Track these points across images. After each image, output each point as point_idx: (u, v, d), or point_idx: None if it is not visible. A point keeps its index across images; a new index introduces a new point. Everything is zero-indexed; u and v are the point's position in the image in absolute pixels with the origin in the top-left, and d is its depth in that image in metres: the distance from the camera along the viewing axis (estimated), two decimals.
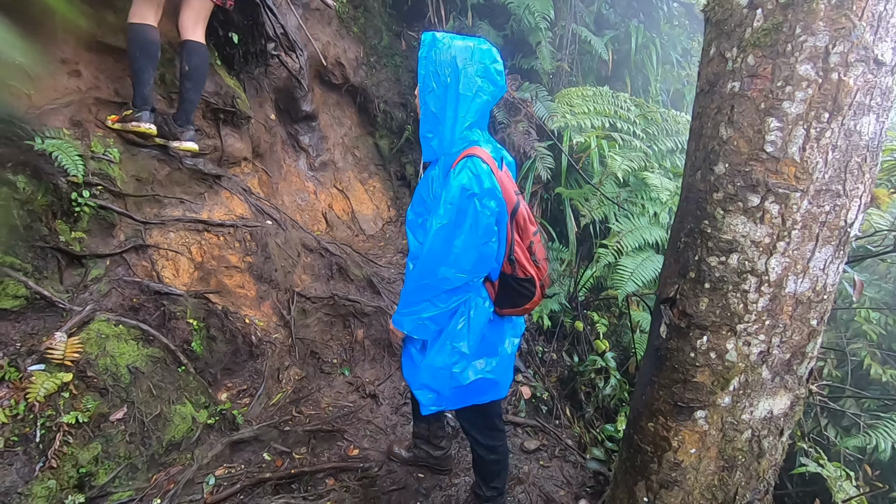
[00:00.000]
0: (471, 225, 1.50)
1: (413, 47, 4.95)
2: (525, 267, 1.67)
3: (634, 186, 2.63)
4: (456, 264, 1.52)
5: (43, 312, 1.96)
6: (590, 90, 2.91)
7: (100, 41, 2.64)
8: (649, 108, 2.89)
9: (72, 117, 2.37)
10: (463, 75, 1.52)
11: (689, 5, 5.60)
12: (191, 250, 2.76)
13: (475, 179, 1.49)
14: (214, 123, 3.10)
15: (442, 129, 1.58)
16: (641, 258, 2.37)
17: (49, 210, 2.02)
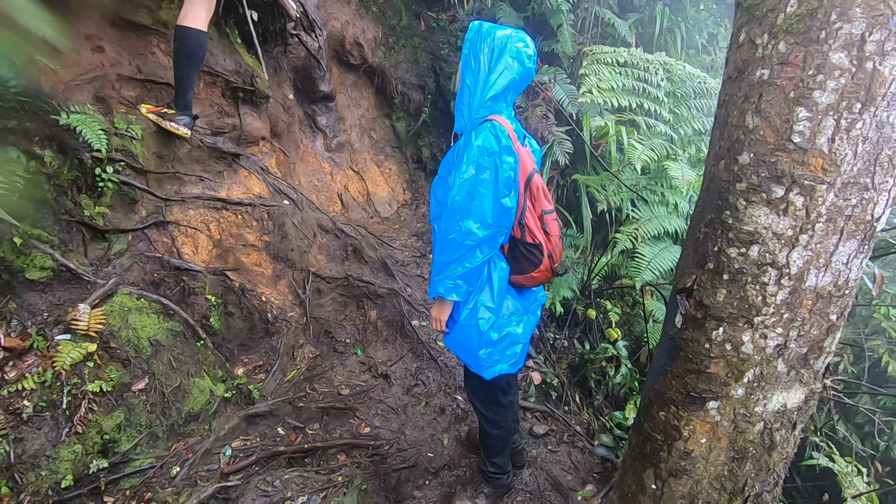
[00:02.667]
0: (491, 179, 1.62)
1: (432, 28, 4.89)
2: (534, 233, 1.77)
3: (655, 174, 2.59)
4: (479, 217, 1.62)
5: (69, 284, 2.02)
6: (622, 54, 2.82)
7: (122, 17, 2.66)
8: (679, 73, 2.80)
9: (95, 93, 2.40)
10: (498, 53, 1.68)
11: None
12: (210, 228, 2.80)
13: (494, 139, 1.64)
14: (233, 102, 3.11)
15: (472, 98, 1.73)
16: (659, 248, 2.35)
17: (74, 185, 2.07)
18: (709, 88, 2.76)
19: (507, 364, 1.84)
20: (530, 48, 1.73)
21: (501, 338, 1.80)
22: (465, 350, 1.83)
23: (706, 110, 2.77)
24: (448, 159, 1.82)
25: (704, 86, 2.75)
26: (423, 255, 4.03)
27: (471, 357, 1.83)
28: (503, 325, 1.80)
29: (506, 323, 1.81)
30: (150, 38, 2.79)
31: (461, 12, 4.96)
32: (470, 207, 1.61)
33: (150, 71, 2.73)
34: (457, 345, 1.86)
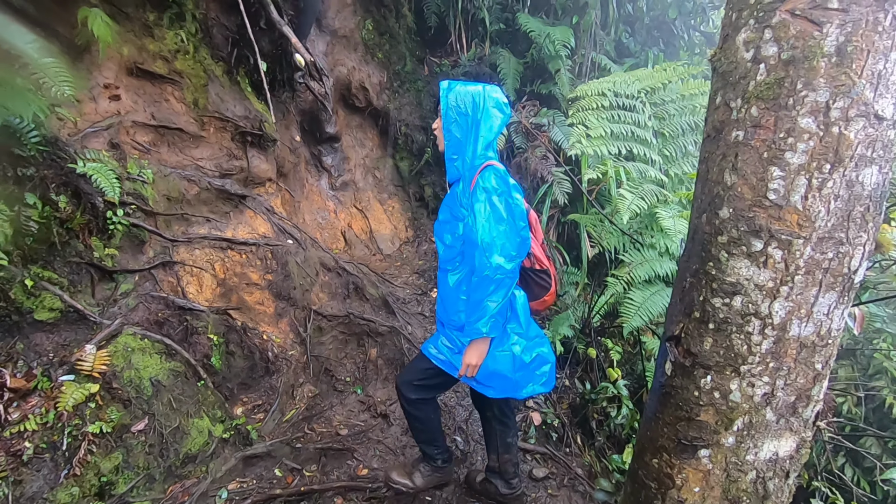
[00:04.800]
0: (508, 214, 1.75)
1: (435, 73, 5.09)
2: (542, 260, 1.94)
3: (646, 219, 2.65)
4: (503, 251, 1.73)
5: (75, 325, 2.07)
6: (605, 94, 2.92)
7: (139, 67, 2.81)
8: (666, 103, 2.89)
9: (110, 139, 2.52)
10: (482, 106, 1.85)
11: (709, 34, 5.64)
12: (214, 267, 2.87)
13: (500, 180, 1.78)
14: (242, 146, 3.23)
15: (465, 150, 1.87)
16: (651, 291, 2.38)
17: (86, 228, 2.15)
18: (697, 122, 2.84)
19: (539, 384, 1.96)
20: (503, 96, 1.91)
21: (533, 359, 1.93)
22: (499, 378, 1.90)
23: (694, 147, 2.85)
24: (448, 204, 1.95)
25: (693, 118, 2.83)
26: (424, 292, 4.07)
27: (505, 383, 1.91)
28: (533, 348, 1.94)
29: (534, 345, 1.95)
30: (164, 87, 2.94)
31: (463, 58, 5.17)
32: (494, 244, 1.72)
33: (164, 117, 2.86)
34: (488, 379, 1.91)
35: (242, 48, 3.17)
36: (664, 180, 2.69)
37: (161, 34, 2.87)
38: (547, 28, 4.57)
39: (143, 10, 2.78)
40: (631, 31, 5.59)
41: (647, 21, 5.50)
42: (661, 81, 2.70)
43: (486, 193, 1.74)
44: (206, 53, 3.06)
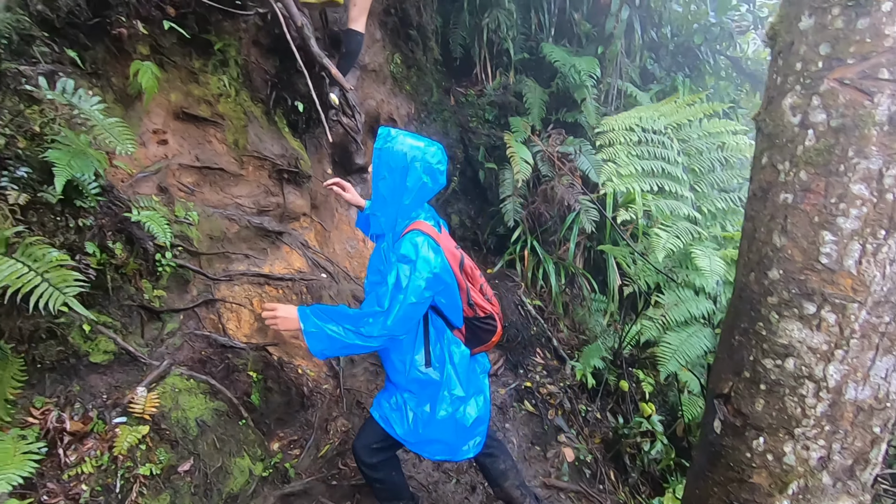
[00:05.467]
0: (395, 282, 1.71)
1: (461, 103, 5.18)
2: (483, 306, 1.96)
3: (680, 257, 2.63)
4: (392, 327, 1.70)
5: (127, 366, 2.15)
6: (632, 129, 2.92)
7: (185, 111, 2.95)
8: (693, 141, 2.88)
9: (159, 183, 2.64)
10: (411, 170, 1.78)
11: (735, 59, 5.62)
12: (252, 303, 2.95)
13: (412, 248, 1.74)
14: (278, 183, 3.34)
15: (388, 210, 1.86)
16: (687, 333, 2.35)
17: (138, 271, 2.24)
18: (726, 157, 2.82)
19: (473, 444, 2.01)
20: (441, 161, 1.84)
21: (473, 422, 1.97)
22: (439, 444, 1.96)
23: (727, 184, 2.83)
24: (374, 262, 1.99)
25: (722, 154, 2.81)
26: None
27: (445, 448, 1.98)
28: (472, 406, 1.97)
29: (474, 404, 1.98)
30: (207, 129, 3.06)
31: (488, 87, 5.26)
32: (390, 312, 1.68)
33: (207, 158, 2.99)
34: (428, 444, 1.96)
35: (280, 90, 3.30)
36: (697, 217, 2.67)
37: (205, 80, 3.00)
38: (572, 59, 4.63)
39: (189, 59, 2.92)
40: (656, 57, 5.61)
41: (671, 47, 5.51)
42: (688, 118, 2.70)
43: (398, 262, 1.73)
44: (246, 96, 3.19)
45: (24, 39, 2.00)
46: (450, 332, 1.94)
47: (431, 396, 1.92)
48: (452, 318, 1.93)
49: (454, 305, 1.90)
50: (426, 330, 1.91)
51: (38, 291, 1.63)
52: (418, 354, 1.91)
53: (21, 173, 1.78)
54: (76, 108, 1.77)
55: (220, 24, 2.96)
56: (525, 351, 3.97)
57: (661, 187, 2.72)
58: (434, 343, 1.92)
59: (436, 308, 1.90)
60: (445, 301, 1.88)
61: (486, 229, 4.95)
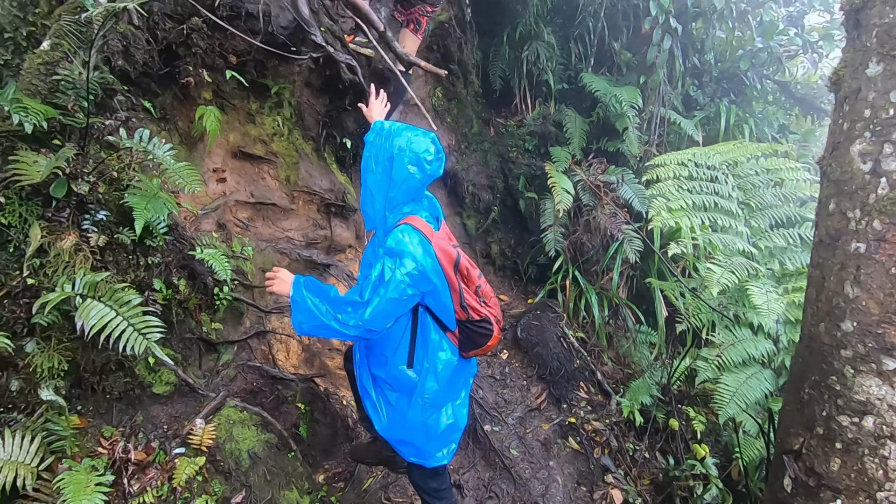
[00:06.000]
0: (379, 275, 1.66)
1: (501, 133, 5.24)
2: (477, 309, 1.88)
3: (735, 294, 2.54)
4: (371, 321, 1.65)
5: (186, 397, 2.24)
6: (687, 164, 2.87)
7: (242, 150, 3.12)
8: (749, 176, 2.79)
9: (218, 220, 2.78)
10: (396, 161, 1.73)
11: (783, 83, 5.46)
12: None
13: (400, 243, 1.70)
14: (326, 216, 3.46)
15: (376, 205, 1.83)
16: (746, 375, 2.25)
17: (198, 306, 2.36)
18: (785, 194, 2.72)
19: (447, 451, 1.98)
20: (429, 151, 1.76)
21: (446, 428, 1.93)
22: (410, 446, 1.94)
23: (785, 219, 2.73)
24: (366, 252, 1.97)
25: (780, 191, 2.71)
26: (493, 354, 4.06)
27: (417, 452, 1.95)
28: (446, 413, 1.93)
29: (448, 410, 1.94)
30: (262, 166, 3.23)
31: (528, 117, 5.30)
32: (369, 303, 1.64)
33: (261, 194, 3.13)
34: (398, 444, 1.95)
35: (330, 128, 3.44)
36: (753, 253, 2.58)
37: (261, 120, 3.18)
38: (613, 89, 4.62)
39: (247, 101, 3.11)
40: (699, 83, 5.53)
41: (715, 73, 5.42)
42: (744, 155, 2.64)
43: (384, 255, 1.69)
44: (298, 134, 3.35)
45: (106, 93, 2.18)
46: (436, 337, 1.87)
47: (407, 396, 1.88)
48: (445, 320, 1.87)
49: (444, 307, 1.84)
50: (413, 330, 1.86)
51: (125, 336, 1.74)
52: (401, 352, 1.86)
53: (101, 216, 1.93)
54: (150, 154, 1.91)
55: (276, 69, 3.14)
56: (568, 385, 3.88)
57: (713, 222, 2.65)
58: (419, 345, 1.87)
59: (427, 309, 1.85)
60: (434, 302, 1.82)
61: (527, 259, 4.93)
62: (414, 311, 1.85)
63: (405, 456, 1.99)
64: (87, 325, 1.72)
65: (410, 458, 1.99)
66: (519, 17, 5.06)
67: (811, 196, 2.71)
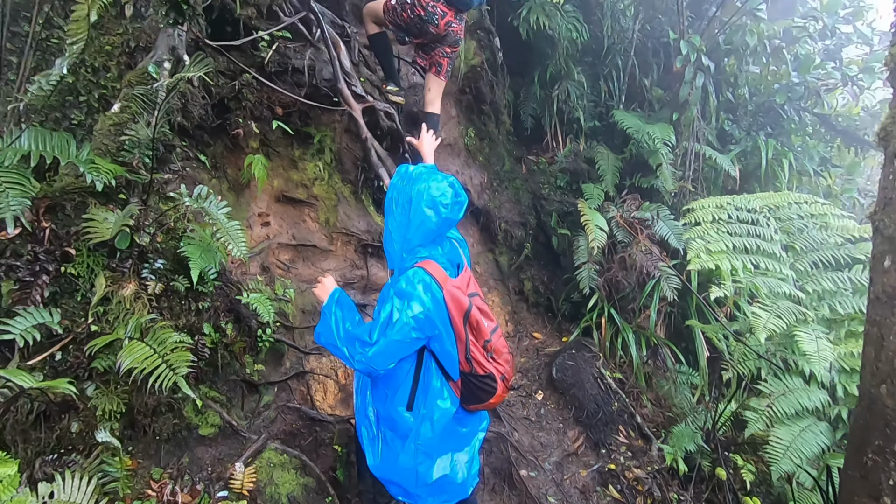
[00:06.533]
0: (387, 316, 1.70)
1: (533, 171, 5.30)
2: (483, 364, 1.83)
3: (783, 339, 2.45)
4: (375, 360, 1.69)
5: (229, 439, 2.30)
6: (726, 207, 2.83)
7: (285, 195, 3.26)
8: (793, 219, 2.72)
9: (262, 263, 2.90)
10: (414, 205, 1.78)
11: (823, 116, 5.35)
12: (337, 373, 3.07)
13: (409, 285, 1.73)
14: (363, 256, 3.55)
15: (394, 246, 1.87)
16: (800, 427, 2.14)
17: (243, 348, 2.44)
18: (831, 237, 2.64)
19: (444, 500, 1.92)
20: (446, 195, 1.80)
21: (437, 480, 1.87)
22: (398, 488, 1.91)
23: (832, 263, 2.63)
24: (383, 291, 1.95)
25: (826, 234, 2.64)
26: (528, 394, 3.99)
27: (406, 495, 1.91)
28: (439, 463, 1.88)
29: (442, 462, 1.89)
30: (303, 209, 3.36)
31: (559, 154, 5.36)
32: (375, 344, 1.67)
33: (302, 237, 3.25)
34: (388, 474, 1.90)
35: (367, 171, 3.57)
36: (800, 297, 2.50)
37: (303, 166, 3.33)
38: (645, 126, 4.64)
39: (291, 148, 3.27)
40: (733, 117, 5.48)
41: (750, 107, 5.37)
42: (786, 201, 2.59)
43: (393, 296, 1.72)
44: (337, 178, 3.49)
45: (166, 148, 2.35)
46: (438, 384, 1.85)
47: (401, 438, 1.86)
48: (448, 369, 1.85)
49: (448, 355, 1.83)
50: (417, 373, 1.85)
51: (157, 372, 1.81)
52: (402, 393, 1.85)
53: (158, 265, 2.05)
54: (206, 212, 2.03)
55: (319, 118, 3.31)
56: (607, 428, 3.77)
57: (756, 264, 2.59)
58: (420, 389, 1.85)
59: (433, 354, 1.84)
60: (439, 349, 1.81)
61: (561, 295, 4.88)
62: (419, 354, 1.85)
63: (394, 495, 1.97)
64: (124, 363, 1.79)
65: (399, 497, 1.97)
66: (549, 58, 5.18)
67: (861, 237, 2.63)
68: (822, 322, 2.49)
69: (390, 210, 1.88)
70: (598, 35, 5.29)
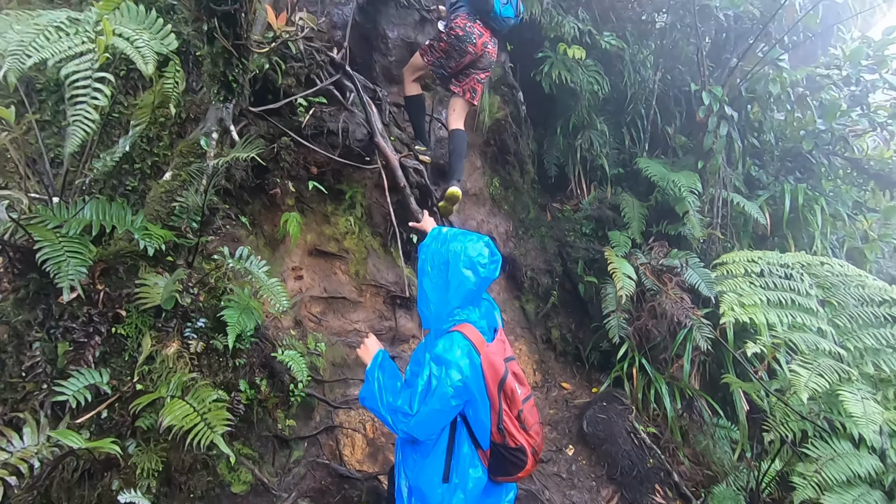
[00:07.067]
0: (426, 384, 1.69)
1: (558, 218, 5.35)
2: (514, 436, 1.78)
3: (827, 400, 2.35)
4: (417, 427, 1.70)
5: (260, 497, 2.32)
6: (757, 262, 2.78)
7: (317, 248, 3.38)
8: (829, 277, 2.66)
9: (295, 317, 2.98)
10: (451, 265, 1.79)
11: (854, 160, 5.28)
12: (365, 427, 3.07)
13: (447, 351, 1.71)
14: (391, 307, 3.61)
15: (431, 307, 1.85)
16: (852, 497, 2.02)
17: (276, 404, 2.49)
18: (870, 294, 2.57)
19: None
20: (483, 255, 1.81)
21: None
22: None
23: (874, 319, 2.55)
24: (417, 349, 1.98)
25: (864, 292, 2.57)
26: (559, 448, 3.89)
27: None
28: None
29: None
30: (334, 262, 3.47)
31: (584, 202, 5.40)
32: (417, 413, 1.67)
33: (333, 289, 3.34)
34: None
35: (397, 224, 3.68)
36: (842, 354, 2.42)
37: (335, 220, 3.46)
38: (671, 174, 4.66)
39: (324, 204, 3.42)
40: (760, 162, 5.46)
41: (777, 153, 5.36)
42: (819, 260, 2.55)
43: (430, 361, 1.71)
44: (367, 232, 3.61)
45: (210, 211, 2.50)
46: (468, 451, 1.80)
47: None
48: (479, 437, 1.80)
49: (481, 424, 1.78)
50: (451, 441, 1.81)
51: (196, 430, 1.87)
52: (437, 464, 1.79)
53: (200, 324, 2.14)
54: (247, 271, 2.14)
55: (351, 175, 3.47)
56: (642, 487, 3.62)
57: (792, 319, 2.53)
58: (454, 459, 1.80)
59: (465, 419, 1.80)
60: (472, 415, 1.78)
61: (589, 344, 4.81)
62: (452, 421, 1.82)
63: None
64: (165, 421, 1.85)
65: None
66: (571, 110, 5.31)
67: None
68: (867, 380, 2.39)
69: (425, 271, 1.89)
70: (619, 86, 5.42)
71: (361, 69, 3.88)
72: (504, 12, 3.34)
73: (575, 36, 4.85)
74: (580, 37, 4.96)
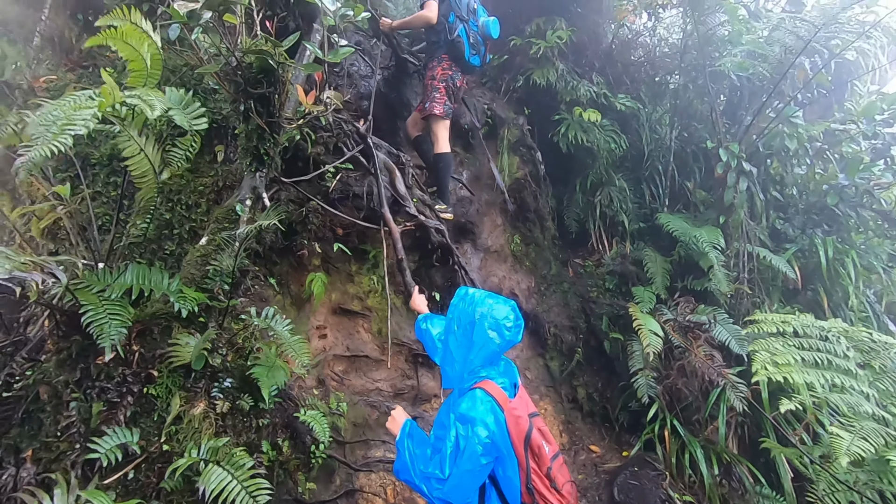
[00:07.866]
0: (454, 446, 1.67)
1: (580, 274, 5.34)
2: (545, 496, 1.72)
3: (874, 467, 2.21)
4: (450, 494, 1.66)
5: None
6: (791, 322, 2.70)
7: (341, 307, 3.46)
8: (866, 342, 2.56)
9: (318, 376, 3.02)
10: (478, 326, 1.81)
11: (883, 212, 5.17)
12: (386, 491, 3.00)
13: (472, 409, 1.71)
14: (413, 366, 3.61)
15: (455, 366, 1.86)
16: None
17: (297, 466, 2.47)
18: None
19: None
20: (509, 318, 1.83)
21: None
22: None
23: None
24: (441, 411, 1.96)
25: None
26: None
27: None
28: None
29: None
30: (357, 320, 3.53)
31: (606, 257, 5.40)
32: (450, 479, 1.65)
33: (356, 347, 3.38)
34: None
35: (419, 282, 3.75)
36: (886, 417, 2.29)
37: (359, 280, 3.56)
38: (692, 229, 4.65)
39: (348, 264, 3.53)
40: (784, 215, 5.41)
41: (801, 206, 5.30)
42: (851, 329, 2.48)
43: (456, 422, 1.70)
44: (390, 290, 3.67)
45: (241, 273, 2.62)
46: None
47: None
48: (509, 498, 1.73)
49: (510, 482, 1.72)
50: None
51: (238, 499, 1.87)
52: None
53: (227, 384, 2.20)
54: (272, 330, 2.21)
55: (374, 236, 3.59)
56: None
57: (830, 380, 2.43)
58: None
59: (494, 480, 1.74)
60: (501, 474, 1.72)
61: (618, 404, 4.64)
62: (480, 485, 1.77)
63: None
64: (207, 489, 1.87)
65: None
66: (589, 168, 5.44)
67: None
68: None
69: (451, 330, 1.92)
70: (636, 143, 5.55)
71: (386, 135, 4.11)
72: (472, 61, 3.98)
73: (591, 98, 5.06)
74: (596, 99, 5.17)
